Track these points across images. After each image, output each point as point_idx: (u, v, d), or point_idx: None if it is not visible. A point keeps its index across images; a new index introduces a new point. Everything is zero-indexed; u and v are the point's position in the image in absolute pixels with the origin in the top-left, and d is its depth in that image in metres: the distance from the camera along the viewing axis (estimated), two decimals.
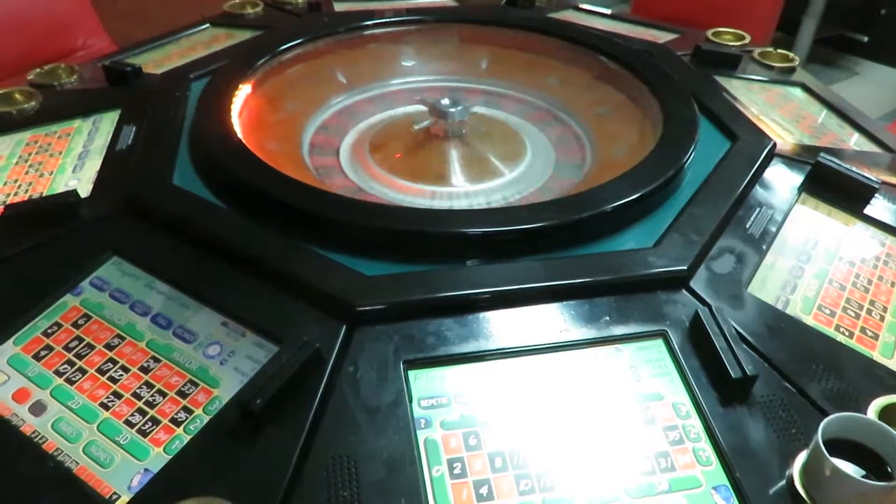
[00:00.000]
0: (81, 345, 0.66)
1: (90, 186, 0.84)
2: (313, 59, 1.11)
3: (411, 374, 0.62)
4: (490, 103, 1.15)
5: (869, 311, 0.74)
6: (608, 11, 1.51)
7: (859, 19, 3.06)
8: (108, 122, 0.98)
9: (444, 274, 0.68)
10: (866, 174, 0.87)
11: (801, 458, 0.57)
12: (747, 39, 1.32)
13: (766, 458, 0.57)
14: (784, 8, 1.81)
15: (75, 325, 0.68)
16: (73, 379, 0.63)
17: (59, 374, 0.64)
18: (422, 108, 1.01)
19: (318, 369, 0.61)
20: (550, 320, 0.67)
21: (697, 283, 0.71)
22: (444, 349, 0.64)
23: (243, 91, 0.96)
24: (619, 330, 0.66)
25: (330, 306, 0.65)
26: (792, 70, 1.24)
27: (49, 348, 0.66)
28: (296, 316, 0.66)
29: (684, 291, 0.70)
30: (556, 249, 0.73)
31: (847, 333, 0.71)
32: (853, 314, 0.73)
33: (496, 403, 0.60)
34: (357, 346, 0.63)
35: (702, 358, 0.64)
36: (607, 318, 0.67)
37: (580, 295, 0.68)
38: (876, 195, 0.87)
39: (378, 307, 0.65)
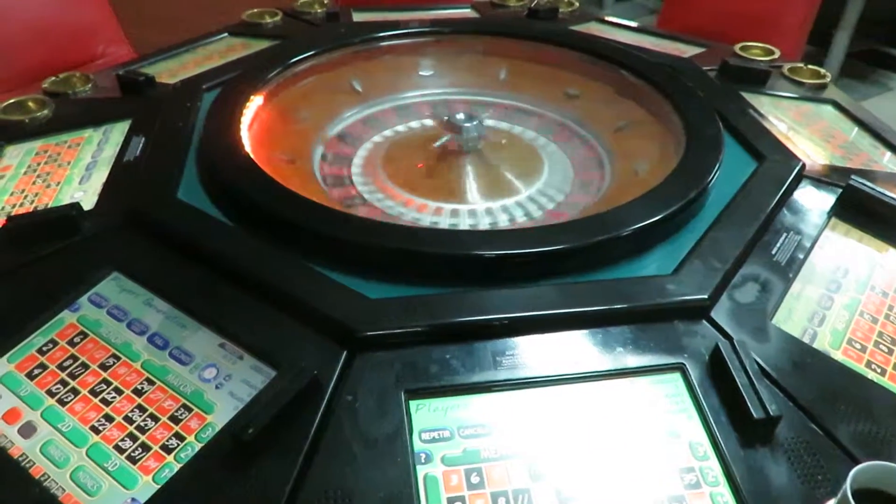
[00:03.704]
0: (76, 364, 0.64)
1: (95, 199, 0.82)
2: (328, 71, 1.09)
3: (413, 404, 0.59)
4: (507, 117, 1.13)
5: None
6: (632, 24, 1.47)
7: (893, 33, 2.98)
8: (118, 132, 0.96)
9: (450, 299, 0.65)
10: None
11: None
12: (776, 54, 1.28)
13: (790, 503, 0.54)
14: (815, 21, 1.76)
15: (71, 342, 0.66)
16: (66, 400, 0.61)
17: (51, 394, 0.62)
18: (438, 120, 0.98)
19: (315, 397, 0.58)
20: (562, 350, 0.63)
21: (719, 314, 0.68)
22: (448, 379, 0.61)
23: (254, 103, 0.94)
24: (634, 362, 0.63)
25: (331, 330, 0.63)
26: (823, 87, 1.20)
27: (43, 367, 0.64)
28: (295, 339, 0.64)
29: (704, 322, 0.67)
30: (569, 274, 0.70)
31: (879, 370, 0.66)
32: (886, 349, 0.69)
33: (501, 439, 0.57)
34: (357, 374, 0.60)
35: (722, 394, 0.60)
36: (622, 348, 0.64)
37: (594, 323, 0.65)
38: None
39: (381, 333, 0.62)
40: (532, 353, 0.63)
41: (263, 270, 0.68)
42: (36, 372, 0.63)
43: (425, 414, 0.59)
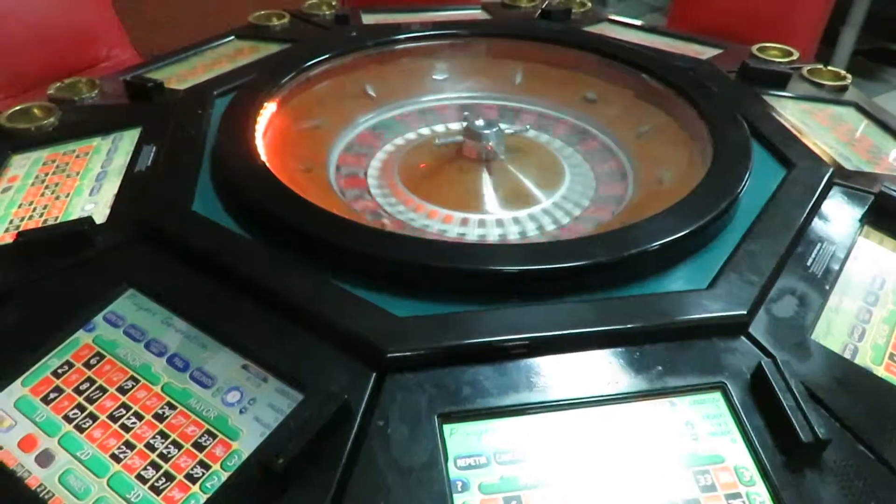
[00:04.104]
0: (93, 387, 0.62)
1: (107, 211, 0.80)
2: (341, 75, 1.06)
3: (446, 428, 0.57)
4: (525, 122, 1.10)
5: None
6: (645, 24, 1.45)
7: None
8: (128, 140, 0.94)
9: (483, 316, 0.63)
10: None
11: None
12: (795, 56, 1.26)
13: None
14: None
15: (87, 364, 0.63)
16: (84, 426, 0.59)
17: (68, 419, 0.59)
18: (453, 127, 0.96)
19: (345, 422, 0.56)
20: (598, 369, 0.61)
21: (757, 329, 0.65)
22: (482, 401, 0.58)
23: (268, 109, 0.92)
24: (673, 381, 0.61)
25: (359, 350, 0.60)
26: (844, 89, 1.17)
27: (59, 390, 0.61)
28: (321, 360, 0.61)
29: (743, 338, 0.64)
30: (599, 289, 0.68)
31: None
32: None
33: (539, 464, 0.55)
34: (388, 397, 0.58)
35: (765, 416, 0.58)
36: (660, 367, 0.62)
37: (630, 341, 0.63)
38: None
39: (412, 353, 0.60)
40: (567, 372, 0.61)
41: (287, 287, 0.65)
42: (52, 396, 0.61)
43: (459, 439, 0.56)
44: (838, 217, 0.81)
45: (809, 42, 1.64)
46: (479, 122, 0.92)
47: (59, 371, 0.63)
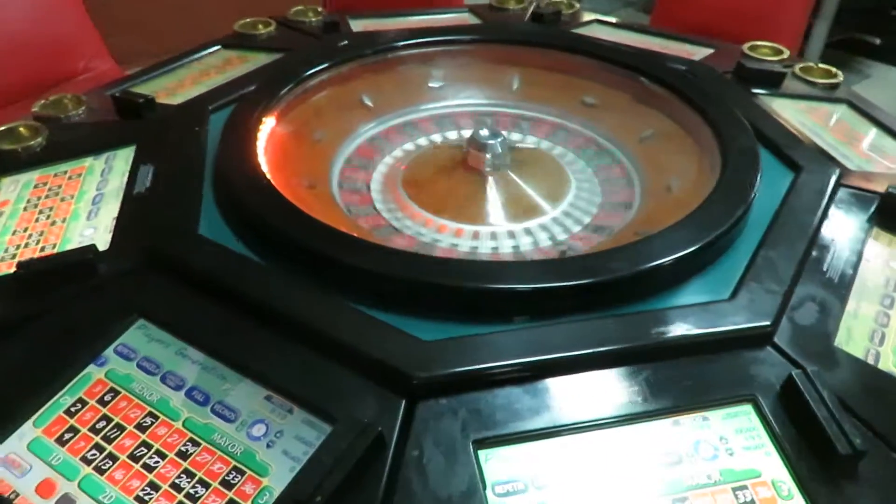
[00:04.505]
0: (110, 426, 0.59)
1: (108, 237, 0.77)
2: (337, 85, 1.04)
3: (481, 454, 0.56)
4: (526, 129, 1.09)
5: None
6: (634, 24, 1.45)
7: (871, 21, 3.01)
8: (122, 160, 0.91)
9: (510, 336, 0.62)
10: None
11: None
12: (786, 54, 1.26)
13: None
14: None
15: (101, 401, 0.61)
16: (104, 467, 0.56)
17: (86, 461, 0.57)
18: (455, 136, 0.95)
19: (378, 453, 0.54)
20: (627, 386, 0.60)
21: (781, 339, 0.65)
22: (515, 425, 0.57)
23: (267, 124, 0.89)
24: (703, 395, 0.60)
25: (386, 377, 0.59)
26: (836, 86, 1.18)
27: (74, 430, 0.59)
28: (347, 388, 0.60)
29: (769, 349, 0.64)
30: (621, 304, 0.67)
31: None
32: None
33: (577, 487, 0.54)
34: (420, 425, 0.57)
35: (799, 427, 0.58)
36: (689, 381, 0.61)
37: (659, 356, 0.62)
38: None
39: (442, 378, 0.58)
40: (598, 390, 0.60)
41: (306, 313, 0.64)
42: (67, 437, 0.59)
43: (496, 465, 0.55)
44: (847, 220, 0.81)
45: (794, 38, 1.66)
46: (484, 133, 0.91)
47: (73, 409, 0.61)
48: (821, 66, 1.22)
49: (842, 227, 0.80)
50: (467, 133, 1.07)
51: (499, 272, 0.65)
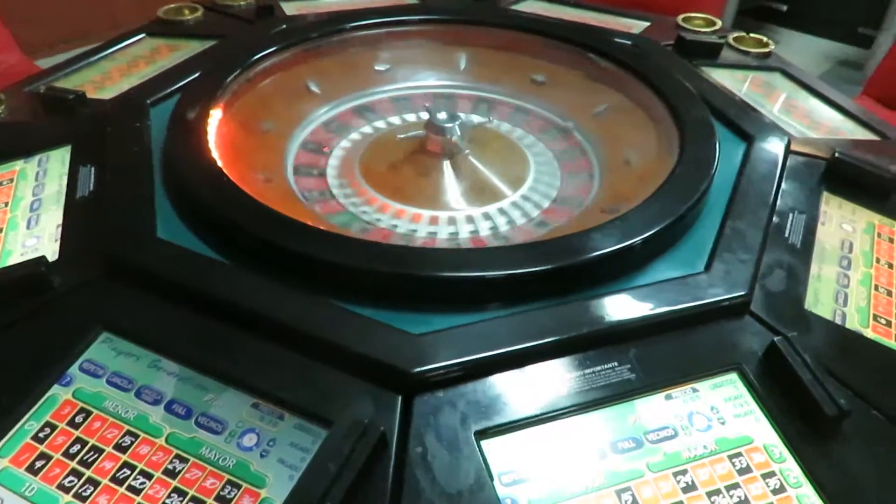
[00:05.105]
0: (86, 449, 0.55)
1: (55, 246, 0.72)
2: (283, 71, 1.00)
3: (484, 444, 0.55)
4: (480, 110, 1.08)
5: None
6: None
7: None
8: (57, 161, 0.85)
9: (499, 324, 0.61)
10: (885, 168, 0.85)
11: None
12: (718, 25, 1.29)
13: (874, 498, 0.54)
14: None
15: (72, 423, 0.57)
16: (85, 494, 0.53)
17: (65, 489, 0.53)
18: (410, 119, 0.93)
19: (381, 454, 0.53)
20: (620, 364, 0.61)
21: (756, 306, 0.67)
22: (514, 412, 0.57)
23: (214, 117, 0.85)
24: (690, 368, 0.61)
25: (379, 374, 0.57)
26: (767, 55, 1.22)
27: (46, 457, 0.55)
28: (338, 389, 0.58)
29: (748, 317, 0.66)
30: (601, 284, 0.67)
31: None
32: None
33: (583, 469, 0.54)
34: (420, 420, 0.55)
35: (784, 392, 0.60)
36: (676, 355, 0.62)
37: (646, 332, 0.63)
38: None
39: (437, 371, 0.57)
40: (592, 371, 0.60)
41: (286, 314, 0.61)
42: (38, 465, 0.54)
43: (499, 454, 0.55)
44: (799, 186, 0.84)
45: (717, 9, 1.70)
46: (442, 115, 0.89)
47: (41, 435, 0.56)
48: (752, 35, 1.26)
49: (796, 194, 0.83)
50: (414, 117, 1.05)
51: (481, 259, 0.64)
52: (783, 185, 0.83)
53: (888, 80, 1.71)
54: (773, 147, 0.86)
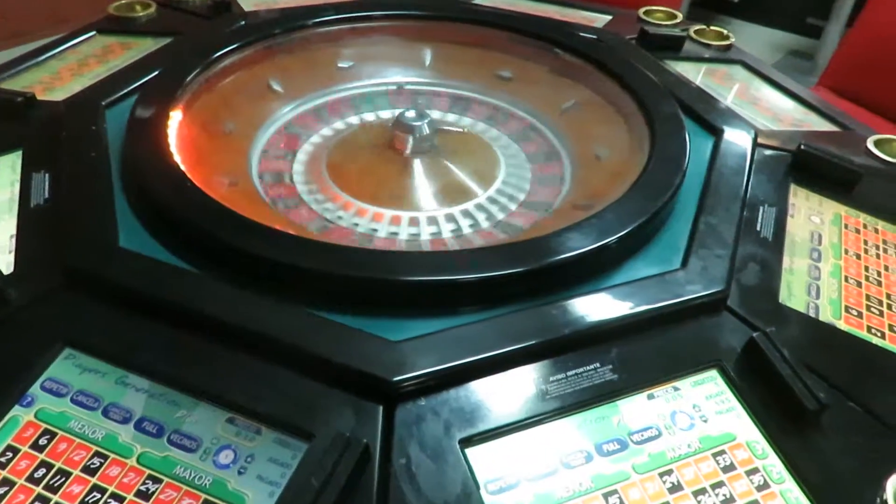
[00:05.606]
0: (52, 472, 0.53)
1: (10, 258, 0.68)
2: (243, 70, 0.97)
3: (469, 452, 0.54)
4: (448, 107, 1.06)
5: (889, 307, 0.73)
6: None
7: None
8: (6, 168, 0.80)
9: (481, 328, 0.60)
10: (850, 159, 0.86)
11: (893, 482, 0.54)
12: (679, 17, 1.30)
13: (855, 489, 0.55)
14: None
15: (36, 446, 0.54)
16: None
17: None
18: (377, 118, 0.91)
19: (364, 466, 0.51)
20: (602, 365, 0.60)
21: (733, 301, 0.67)
22: (497, 418, 0.56)
23: (175, 118, 0.82)
24: (671, 366, 0.61)
25: (358, 383, 0.56)
26: (728, 48, 1.23)
27: (9, 483, 0.52)
28: (316, 400, 0.56)
29: (726, 313, 0.66)
30: (579, 284, 0.66)
31: (879, 334, 0.69)
32: (877, 312, 0.72)
33: (569, 474, 0.53)
34: (403, 430, 0.54)
35: (764, 387, 0.60)
36: (656, 354, 0.62)
37: (626, 332, 0.62)
38: None
39: (418, 379, 0.56)
40: (574, 373, 0.59)
41: (259, 323, 0.59)
42: (1, 491, 0.52)
43: (484, 462, 0.54)
44: (768, 179, 0.85)
45: (675, 1, 1.71)
46: (411, 114, 0.88)
47: (3, 460, 0.53)
48: (713, 28, 1.27)
49: (764, 187, 0.83)
50: (386, 114, 1.04)
51: (459, 262, 0.63)
52: (752, 179, 0.83)
53: (842, 71, 1.74)
54: (741, 140, 0.87)
